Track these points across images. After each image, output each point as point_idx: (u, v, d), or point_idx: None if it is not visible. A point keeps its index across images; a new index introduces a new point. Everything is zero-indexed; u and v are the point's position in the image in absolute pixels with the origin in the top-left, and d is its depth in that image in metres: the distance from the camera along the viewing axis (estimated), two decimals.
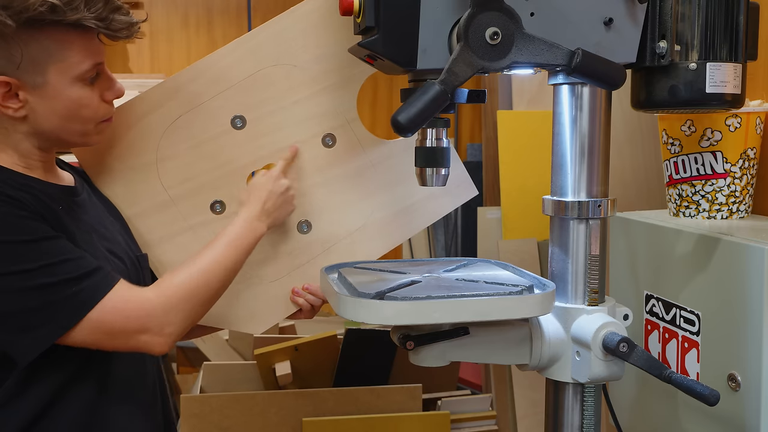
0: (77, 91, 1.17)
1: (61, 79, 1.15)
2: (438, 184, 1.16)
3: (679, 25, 1.17)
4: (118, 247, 1.29)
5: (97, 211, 1.31)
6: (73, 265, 1.10)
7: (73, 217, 1.21)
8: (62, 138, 1.20)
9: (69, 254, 1.11)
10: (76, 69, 1.15)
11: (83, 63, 1.16)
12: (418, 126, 1.00)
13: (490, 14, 1.02)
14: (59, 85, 1.15)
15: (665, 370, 1.08)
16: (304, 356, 2.34)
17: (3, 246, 1.07)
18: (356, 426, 2.19)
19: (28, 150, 1.19)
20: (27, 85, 1.13)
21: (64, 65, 1.14)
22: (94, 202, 1.32)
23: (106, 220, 1.32)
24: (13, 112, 1.14)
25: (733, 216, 1.55)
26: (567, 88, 1.20)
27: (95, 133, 1.23)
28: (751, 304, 1.28)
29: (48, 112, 1.16)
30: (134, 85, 2.95)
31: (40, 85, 1.14)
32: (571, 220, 1.21)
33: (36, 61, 1.12)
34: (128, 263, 1.29)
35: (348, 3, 1.10)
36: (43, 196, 1.16)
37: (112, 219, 1.35)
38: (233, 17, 3.31)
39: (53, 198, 1.19)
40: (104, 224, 1.30)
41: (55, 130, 1.18)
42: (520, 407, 2.62)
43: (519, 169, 2.58)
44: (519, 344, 1.17)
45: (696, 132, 1.53)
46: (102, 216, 1.31)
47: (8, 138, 1.17)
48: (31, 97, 1.14)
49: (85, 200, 1.28)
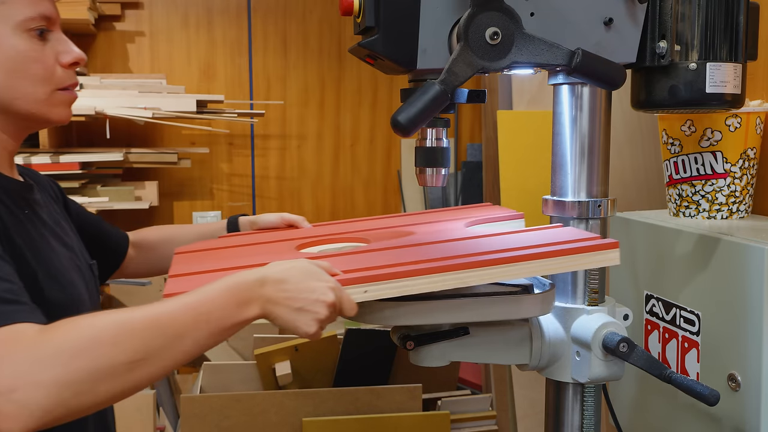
0: (23, 43, 1.06)
1: (1, 26, 1.04)
2: (438, 184, 1.16)
3: (679, 25, 1.17)
4: (76, 251, 1.20)
5: (51, 210, 1.21)
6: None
7: (36, 220, 1.12)
8: (13, 105, 1.07)
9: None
10: (17, 14, 1.05)
11: (26, 9, 1.06)
12: (418, 126, 1.00)
13: (490, 14, 1.02)
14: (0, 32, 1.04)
15: (665, 370, 1.08)
16: (304, 356, 2.34)
17: None
18: (356, 426, 2.19)
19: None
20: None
21: (4, 9, 1.04)
22: (47, 201, 1.23)
23: (63, 222, 1.23)
24: None
25: (733, 216, 1.55)
26: (567, 88, 1.20)
27: (53, 104, 1.10)
28: (751, 304, 1.28)
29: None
30: (134, 86, 2.95)
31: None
32: (571, 220, 1.21)
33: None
34: (85, 270, 1.20)
35: (348, 3, 1.10)
36: (6, 197, 1.07)
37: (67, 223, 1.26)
38: (233, 17, 3.31)
39: (16, 199, 1.10)
40: (62, 226, 1.22)
41: (2, 90, 1.06)
42: (520, 407, 2.62)
43: (519, 169, 2.57)
44: (519, 344, 1.17)
45: (696, 132, 1.53)
46: (57, 216, 1.22)
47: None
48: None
49: (39, 199, 1.18)
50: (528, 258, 1.01)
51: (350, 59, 3.38)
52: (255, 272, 0.91)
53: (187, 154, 3.16)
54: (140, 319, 0.83)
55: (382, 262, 1.03)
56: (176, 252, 1.29)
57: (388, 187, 3.50)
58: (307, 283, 0.91)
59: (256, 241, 1.35)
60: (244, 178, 3.39)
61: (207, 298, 0.87)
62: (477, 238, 1.19)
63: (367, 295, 0.96)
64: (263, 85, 3.36)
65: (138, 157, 2.97)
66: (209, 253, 1.27)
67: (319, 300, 0.91)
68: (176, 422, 2.60)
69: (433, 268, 0.98)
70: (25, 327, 0.82)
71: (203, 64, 3.31)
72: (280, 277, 0.91)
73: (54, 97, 1.11)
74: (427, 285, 0.98)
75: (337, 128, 3.44)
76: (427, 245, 1.16)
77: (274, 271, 0.92)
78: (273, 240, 1.34)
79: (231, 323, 0.88)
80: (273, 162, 3.41)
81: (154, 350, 0.82)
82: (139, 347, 0.81)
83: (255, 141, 3.38)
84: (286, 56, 3.38)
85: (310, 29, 3.39)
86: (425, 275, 0.97)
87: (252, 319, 0.90)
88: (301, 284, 0.91)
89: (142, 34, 3.26)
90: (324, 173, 3.47)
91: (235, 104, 3.28)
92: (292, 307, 0.91)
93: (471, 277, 0.99)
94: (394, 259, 1.06)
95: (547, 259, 1.01)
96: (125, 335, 0.81)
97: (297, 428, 2.20)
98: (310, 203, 3.45)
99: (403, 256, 1.08)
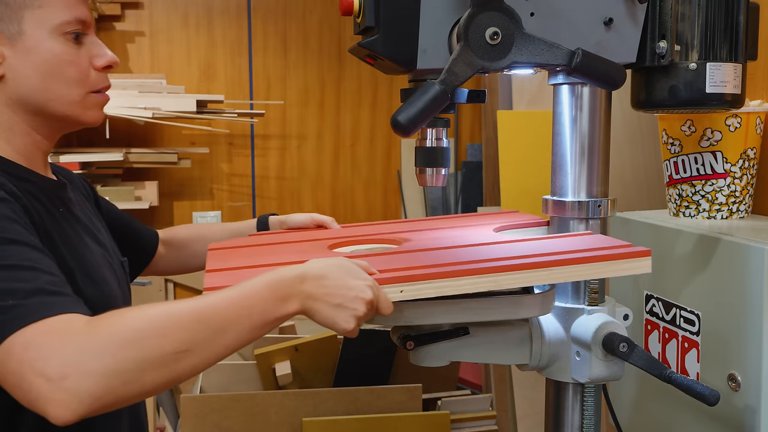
0: (59, 46, 1.07)
1: (38, 29, 1.06)
2: (438, 184, 1.16)
3: (679, 25, 1.17)
4: (108, 248, 1.22)
5: (84, 208, 1.23)
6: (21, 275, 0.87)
7: (70, 218, 1.14)
8: (48, 106, 1.09)
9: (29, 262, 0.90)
10: (54, 18, 1.07)
11: (63, 13, 1.07)
12: (418, 126, 1.00)
13: (490, 14, 1.02)
14: (37, 35, 1.06)
15: (665, 370, 1.08)
16: (304, 356, 2.34)
17: None
18: (356, 426, 2.19)
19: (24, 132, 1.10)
20: (2, 36, 1.05)
21: (41, 12, 1.06)
22: (80, 199, 1.25)
23: (95, 219, 1.25)
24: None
25: (733, 216, 1.55)
26: (567, 88, 1.20)
27: (86, 106, 1.13)
28: (751, 304, 1.28)
29: (27, 68, 1.07)
30: (134, 86, 2.95)
31: (16, 36, 1.05)
32: (571, 220, 1.21)
33: (8, 4, 1.05)
34: (117, 267, 1.22)
35: (348, 3, 1.10)
36: (43, 196, 1.09)
37: (99, 220, 1.28)
38: (233, 17, 3.31)
39: (51, 197, 1.12)
40: (95, 224, 1.23)
41: (37, 92, 1.08)
42: (520, 407, 2.62)
43: (519, 169, 2.57)
44: (519, 344, 1.17)
45: (696, 132, 1.53)
46: (90, 214, 1.24)
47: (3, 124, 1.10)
48: (8, 51, 1.06)
49: (73, 197, 1.20)
50: (562, 263, 1.02)
51: (350, 59, 3.38)
52: (295, 268, 0.93)
53: (187, 154, 3.16)
54: (186, 311, 0.84)
55: (416, 263, 1.05)
56: (210, 248, 1.31)
57: (388, 187, 3.50)
58: (346, 280, 0.92)
59: (287, 240, 1.36)
60: (244, 178, 3.39)
61: (249, 293, 0.88)
62: (508, 242, 1.20)
63: (402, 295, 0.97)
64: (263, 85, 3.36)
65: (138, 157, 2.97)
66: (243, 250, 1.28)
67: (357, 297, 0.92)
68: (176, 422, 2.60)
69: (469, 270, 0.99)
70: (73, 317, 0.84)
71: (203, 64, 3.31)
72: (320, 274, 0.92)
73: (87, 100, 1.13)
74: (462, 287, 0.99)
75: (337, 128, 3.43)
76: (458, 248, 1.17)
77: (314, 268, 0.93)
78: (305, 239, 1.35)
79: (272, 318, 0.89)
80: (273, 162, 3.41)
81: (198, 342, 0.84)
82: (185, 339, 0.83)
83: (255, 141, 3.38)
84: (286, 56, 3.38)
85: (310, 29, 3.39)
86: (461, 277, 0.99)
87: (292, 314, 0.91)
88: (341, 281, 0.92)
89: (142, 34, 3.27)
90: (324, 173, 3.47)
91: (235, 104, 3.28)
92: (331, 303, 0.92)
93: (506, 280, 1.00)
94: (428, 260, 1.07)
95: (581, 265, 1.03)
96: (172, 327, 0.83)
97: (297, 428, 2.20)
98: (310, 203, 3.45)
99: (436, 258, 1.09)
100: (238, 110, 3.14)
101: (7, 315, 0.82)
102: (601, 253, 1.05)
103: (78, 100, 1.11)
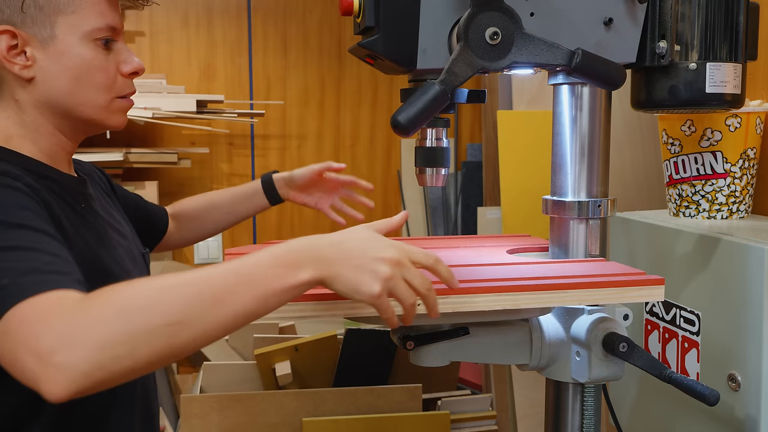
0: (89, 52, 1.10)
1: (70, 34, 1.08)
2: (438, 184, 1.16)
3: (679, 25, 1.17)
4: (130, 240, 1.24)
5: (103, 203, 1.25)
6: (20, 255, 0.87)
7: (92, 213, 1.16)
8: (75, 110, 1.11)
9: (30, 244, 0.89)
10: (86, 24, 1.09)
11: (95, 20, 1.09)
12: (418, 126, 1.00)
13: (490, 14, 1.02)
14: (68, 40, 1.08)
15: (665, 370, 1.08)
16: (304, 356, 2.34)
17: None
18: (356, 426, 2.19)
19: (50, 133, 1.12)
20: (34, 39, 1.07)
21: (74, 18, 1.08)
22: (99, 194, 1.27)
23: (114, 212, 1.27)
24: (20, 69, 1.07)
25: (733, 216, 1.55)
26: (567, 88, 1.20)
27: (112, 111, 1.15)
28: (751, 304, 1.28)
29: (58, 72, 1.09)
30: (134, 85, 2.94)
31: (48, 40, 1.07)
32: (571, 220, 1.21)
33: (42, 8, 1.06)
34: (138, 258, 1.25)
35: (348, 3, 1.10)
36: (66, 194, 1.11)
37: (117, 211, 1.30)
38: (233, 17, 3.31)
39: (74, 194, 1.13)
40: (114, 216, 1.25)
41: (66, 95, 1.10)
42: (520, 407, 2.61)
43: (519, 169, 2.57)
44: (519, 344, 1.17)
45: (696, 132, 1.53)
46: (109, 207, 1.26)
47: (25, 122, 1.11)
48: (39, 54, 1.08)
49: (92, 193, 1.22)
50: (580, 286, 1.05)
51: (350, 59, 3.38)
52: (307, 237, 0.87)
53: (187, 154, 3.16)
54: (177, 282, 0.80)
55: (432, 278, 1.04)
56: (227, 253, 1.30)
57: (388, 187, 3.50)
58: (365, 242, 0.86)
59: None
60: (244, 178, 3.39)
61: (250, 261, 0.82)
62: (523, 264, 1.21)
63: (419, 308, 0.93)
64: (263, 85, 3.36)
65: (138, 157, 2.97)
66: None
67: (378, 257, 0.85)
68: (176, 422, 2.60)
69: (488, 288, 1.01)
70: (67, 293, 0.81)
71: (203, 64, 3.31)
72: (336, 239, 0.86)
73: (113, 105, 1.15)
74: (479, 304, 1.01)
75: (337, 128, 3.43)
76: (474, 266, 1.18)
77: (329, 235, 0.88)
78: None
79: (280, 287, 0.82)
80: (273, 162, 3.41)
81: (192, 314, 0.78)
82: (175, 310, 0.78)
83: (255, 141, 3.38)
84: (286, 56, 3.38)
85: (310, 29, 3.39)
86: (480, 294, 1.01)
87: (306, 282, 0.83)
88: (359, 243, 0.86)
89: (142, 34, 3.26)
90: None
91: (235, 104, 3.28)
92: (350, 265, 0.84)
93: (525, 299, 1.03)
94: None
95: (598, 289, 1.06)
96: (161, 298, 0.78)
97: (297, 428, 2.20)
98: None
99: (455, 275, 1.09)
100: (238, 110, 3.14)
101: (2, 293, 0.81)
102: (617, 279, 1.08)
103: (104, 104, 1.13)
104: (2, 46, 1.06)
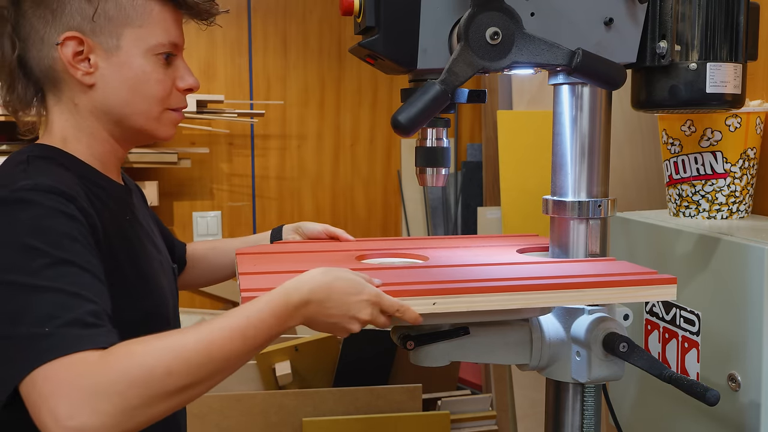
0: (150, 65, 1.13)
1: (134, 47, 1.11)
2: (438, 184, 1.17)
3: (680, 25, 1.17)
4: (163, 254, 1.25)
5: (144, 214, 1.27)
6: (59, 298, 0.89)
7: (135, 224, 1.18)
8: (129, 118, 1.14)
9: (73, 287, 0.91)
10: (151, 39, 1.12)
11: (160, 35, 1.13)
12: (419, 126, 1.00)
13: (490, 14, 1.02)
14: (132, 52, 1.11)
15: (665, 370, 1.08)
16: (304, 356, 2.34)
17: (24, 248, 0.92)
18: (356, 426, 2.19)
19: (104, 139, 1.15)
20: (100, 48, 1.10)
21: (140, 32, 1.11)
22: (140, 204, 1.28)
23: (152, 224, 1.28)
24: (82, 75, 1.10)
25: (733, 216, 1.55)
26: (567, 88, 1.20)
27: (162, 122, 1.17)
28: (751, 304, 1.28)
29: (118, 81, 1.12)
30: None
31: (113, 50, 1.10)
32: (571, 220, 1.21)
33: (111, 19, 1.10)
34: (168, 272, 1.25)
35: (348, 3, 1.10)
36: (114, 203, 1.13)
37: (154, 223, 1.31)
38: (233, 17, 3.31)
39: (122, 204, 1.16)
40: (152, 228, 1.26)
41: (122, 104, 1.13)
42: (520, 407, 2.61)
43: (519, 169, 2.57)
44: (519, 344, 1.17)
45: (696, 132, 1.53)
46: (148, 219, 1.28)
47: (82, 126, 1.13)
48: (102, 62, 1.10)
49: (135, 203, 1.24)
50: (594, 285, 1.05)
51: (350, 59, 3.38)
52: (301, 289, 0.98)
53: (187, 154, 3.16)
54: (193, 346, 0.88)
55: (447, 277, 1.08)
56: (238, 253, 1.33)
57: (388, 187, 3.50)
58: (347, 298, 1.00)
59: (315, 249, 1.37)
60: (244, 178, 3.39)
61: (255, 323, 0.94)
62: (535, 263, 1.21)
63: (435, 308, 1.00)
64: (263, 85, 3.36)
65: (138, 157, 2.97)
66: (273, 256, 1.30)
67: (353, 317, 1.00)
68: None
69: (503, 287, 1.02)
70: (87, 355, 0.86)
71: (203, 64, 3.31)
72: (323, 297, 0.99)
73: (164, 116, 1.18)
74: (494, 302, 1.02)
75: (337, 128, 3.43)
76: (487, 266, 1.18)
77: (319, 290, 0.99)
78: (332, 249, 1.36)
79: (275, 336, 0.97)
80: (273, 162, 3.41)
81: (204, 375, 0.89)
82: (192, 374, 0.87)
83: (255, 141, 3.38)
84: (286, 56, 3.38)
85: (310, 29, 3.39)
86: (495, 293, 1.02)
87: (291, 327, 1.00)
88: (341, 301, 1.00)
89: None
90: (324, 173, 3.47)
91: (235, 104, 3.28)
92: (327, 322, 1.00)
93: (538, 299, 1.04)
94: (459, 275, 1.09)
95: (611, 288, 1.06)
96: (179, 364, 0.86)
97: (297, 428, 2.20)
98: (310, 203, 3.45)
99: (466, 274, 1.11)
100: (238, 110, 3.14)
101: (42, 344, 0.85)
102: (630, 278, 1.08)
103: (156, 115, 1.16)
104: (69, 51, 1.09)
